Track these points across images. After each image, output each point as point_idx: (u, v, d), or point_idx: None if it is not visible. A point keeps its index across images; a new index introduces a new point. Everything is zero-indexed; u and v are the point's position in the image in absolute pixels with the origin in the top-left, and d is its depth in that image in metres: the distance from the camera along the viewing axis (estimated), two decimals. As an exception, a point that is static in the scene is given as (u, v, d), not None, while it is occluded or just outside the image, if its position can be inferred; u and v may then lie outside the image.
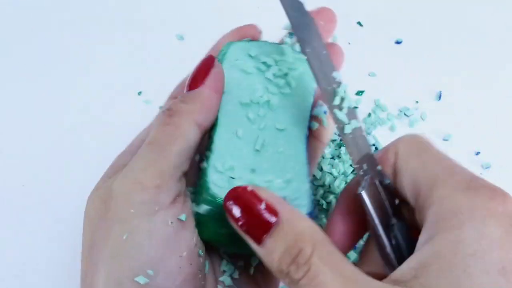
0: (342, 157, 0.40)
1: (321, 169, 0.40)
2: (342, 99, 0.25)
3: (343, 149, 0.41)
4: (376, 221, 0.24)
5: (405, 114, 0.44)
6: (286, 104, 0.29)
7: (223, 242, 0.26)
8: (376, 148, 0.42)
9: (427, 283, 0.20)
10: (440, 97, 0.45)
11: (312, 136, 0.30)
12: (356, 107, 0.45)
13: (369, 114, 0.44)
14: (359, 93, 0.45)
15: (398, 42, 0.48)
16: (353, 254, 0.37)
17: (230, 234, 0.24)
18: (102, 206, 0.24)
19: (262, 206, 0.22)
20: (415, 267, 0.20)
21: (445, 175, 0.22)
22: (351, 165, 0.40)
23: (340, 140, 0.41)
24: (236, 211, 0.22)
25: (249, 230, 0.22)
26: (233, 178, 0.26)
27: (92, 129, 0.43)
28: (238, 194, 0.23)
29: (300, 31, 0.26)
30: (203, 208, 0.25)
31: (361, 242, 0.30)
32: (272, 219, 0.22)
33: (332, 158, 0.41)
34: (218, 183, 0.25)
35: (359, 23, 0.50)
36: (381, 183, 0.24)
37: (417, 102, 0.45)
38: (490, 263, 0.20)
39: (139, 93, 0.45)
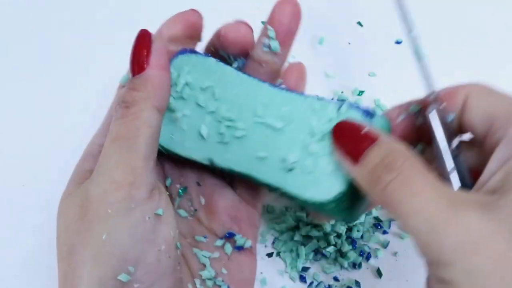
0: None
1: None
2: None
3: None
4: (444, 142, 0.25)
5: (405, 114, 0.44)
6: (228, 95, 0.29)
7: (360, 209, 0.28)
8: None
9: None
10: (440, 97, 0.45)
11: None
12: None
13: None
14: (359, 93, 0.45)
15: (398, 42, 0.48)
16: (353, 254, 0.37)
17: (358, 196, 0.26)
18: (79, 210, 0.24)
19: (364, 131, 0.24)
20: (502, 179, 0.21)
21: None
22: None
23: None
24: (340, 138, 0.25)
25: (350, 151, 0.24)
26: (293, 168, 0.27)
27: (92, 129, 0.43)
28: (344, 125, 0.25)
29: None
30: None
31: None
32: (371, 140, 0.24)
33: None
34: (303, 183, 0.26)
35: (359, 23, 0.50)
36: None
37: (417, 102, 0.45)
38: None
39: (139, 93, 0.45)
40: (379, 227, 0.38)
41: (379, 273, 0.37)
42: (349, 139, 0.25)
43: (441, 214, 0.20)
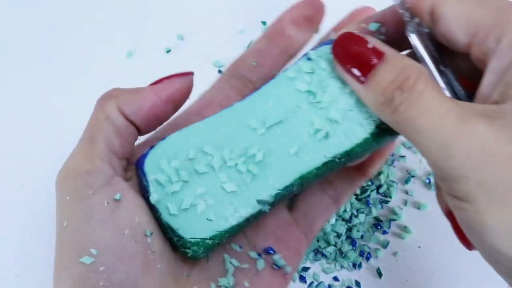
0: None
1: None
2: None
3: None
4: (429, 61, 0.24)
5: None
6: (217, 141, 0.27)
7: None
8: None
9: None
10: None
11: None
12: None
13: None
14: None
15: (398, 42, 0.48)
16: (353, 254, 0.37)
17: None
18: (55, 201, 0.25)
19: (370, 45, 0.23)
20: (502, 92, 0.21)
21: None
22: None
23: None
24: (343, 53, 0.24)
25: (356, 68, 0.23)
26: (328, 132, 0.26)
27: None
28: (346, 37, 0.24)
29: None
30: None
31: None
32: (378, 57, 0.23)
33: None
34: (347, 133, 0.26)
35: (359, 23, 0.50)
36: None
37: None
38: None
39: (139, 93, 0.45)
40: (379, 227, 0.38)
41: (379, 273, 0.37)
42: (354, 54, 0.23)
43: (451, 128, 0.20)
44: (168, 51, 0.48)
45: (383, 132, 0.25)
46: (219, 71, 0.45)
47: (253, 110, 0.26)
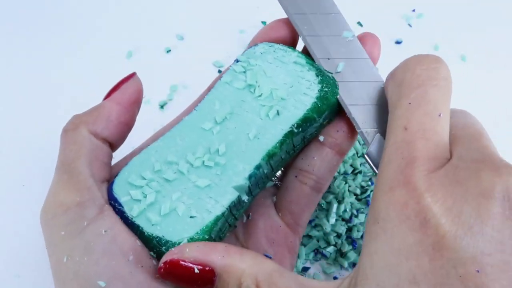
0: (342, 157, 0.40)
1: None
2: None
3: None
4: None
5: (405, 114, 0.44)
6: (178, 149, 0.28)
7: None
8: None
9: None
10: (440, 97, 0.45)
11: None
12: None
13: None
14: (359, 93, 0.45)
15: (398, 42, 0.48)
16: (353, 254, 0.37)
17: None
18: (44, 238, 0.25)
19: (196, 271, 0.23)
20: (350, 280, 0.22)
21: (386, 163, 0.22)
22: (351, 165, 0.40)
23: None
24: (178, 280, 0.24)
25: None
26: (273, 106, 0.27)
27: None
28: (170, 269, 0.23)
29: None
30: None
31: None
32: (210, 277, 0.23)
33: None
34: (295, 105, 0.28)
35: (359, 23, 0.50)
36: None
37: (417, 102, 0.45)
38: (400, 275, 0.19)
39: (139, 93, 0.45)
40: (379, 227, 0.38)
41: (379, 273, 0.37)
42: (188, 281, 0.23)
43: None
44: (168, 51, 0.48)
45: (327, 95, 0.27)
46: (219, 71, 0.45)
47: (202, 116, 0.28)
